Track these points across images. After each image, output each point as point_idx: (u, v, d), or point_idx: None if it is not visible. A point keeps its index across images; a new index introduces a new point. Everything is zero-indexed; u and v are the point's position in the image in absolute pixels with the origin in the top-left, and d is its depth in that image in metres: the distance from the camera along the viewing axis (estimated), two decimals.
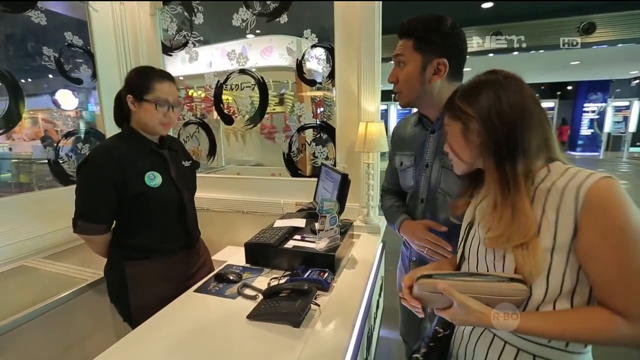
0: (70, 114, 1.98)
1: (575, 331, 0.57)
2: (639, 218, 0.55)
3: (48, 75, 1.85)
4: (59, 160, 1.83)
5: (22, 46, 1.73)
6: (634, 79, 11.87)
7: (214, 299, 1.08)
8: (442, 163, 0.99)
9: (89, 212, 1.12)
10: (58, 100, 1.94)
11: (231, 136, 4.48)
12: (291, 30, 1.92)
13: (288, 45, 1.91)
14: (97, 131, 2.03)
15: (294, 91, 4.11)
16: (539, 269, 0.58)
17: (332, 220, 1.23)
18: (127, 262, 1.18)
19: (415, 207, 1.08)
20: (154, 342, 0.86)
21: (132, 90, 1.13)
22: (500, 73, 0.68)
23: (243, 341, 0.86)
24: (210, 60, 4.01)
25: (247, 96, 2.06)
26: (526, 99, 0.64)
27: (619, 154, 12.63)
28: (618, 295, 0.56)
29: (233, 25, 1.89)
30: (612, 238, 0.54)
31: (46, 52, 1.75)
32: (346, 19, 1.65)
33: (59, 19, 1.87)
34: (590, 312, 0.58)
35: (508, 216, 0.61)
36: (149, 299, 1.11)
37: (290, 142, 1.95)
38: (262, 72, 3.96)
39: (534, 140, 0.63)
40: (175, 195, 1.21)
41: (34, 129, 2.08)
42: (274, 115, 4.10)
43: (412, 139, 1.08)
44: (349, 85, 1.70)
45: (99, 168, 1.09)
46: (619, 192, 0.55)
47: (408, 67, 0.96)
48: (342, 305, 1.01)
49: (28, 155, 3.88)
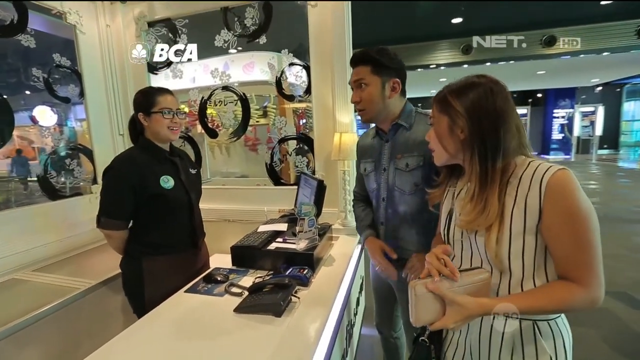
0: (49, 130, 2.00)
1: (545, 305, 0.68)
2: (587, 201, 0.66)
3: (25, 91, 1.90)
4: (47, 176, 1.89)
5: (12, 67, 1.80)
6: (596, 86, 12.68)
7: (203, 297, 1.18)
8: (395, 166, 1.16)
9: (111, 210, 1.28)
10: (35, 116, 1.98)
11: (216, 149, 4.56)
12: (271, 49, 2.07)
13: (269, 61, 2.04)
14: (85, 147, 2.10)
15: (276, 104, 4.27)
16: (496, 250, 0.70)
17: (310, 223, 1.36)
18: (145, 258, 1.32)
19: (379, 205, 1.24)
20: (152, 334, 0.95)
21: (141, 108, 1.32)
22: (489, 78, 0.75)
23: (231, 331, 0.96)
24: (193, 76, 4.12)
25: (230, 111, 2.18)
26: (509, 105, 0.72)
27: (589, 156, 13.36)
28: (572, 265, 0.67)
29: (215, 46, 2.02)
30: (567, 217, 0.65)
31: (35, 73, 1.83)
32: (320, 40, 1.81)
33: (48, 40, 1.95)
34: (552, 285, 0.69)
35: (480, 207, 0.71)
36: (161, 292, 1.23)
37: (272, 153, 2.07)
38: (245, 87, 4.10)
39: (512, 142, 0.71)
40: (185, 196, 1.37)
41: (8, 146, 2.09)
42: (258, 128, 4.22)
43: (371, 148, 1.25)
44: (324, 100, 1.85)
45: (121, 173, 1.26)
46: (572, 181, 0.66)
47: (370, 88, 1.11)
48: (319, 297, 1.13)
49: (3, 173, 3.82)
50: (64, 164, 1.99)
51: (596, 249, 0.66)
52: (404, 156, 1.14)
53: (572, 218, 0.65)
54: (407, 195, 1.15)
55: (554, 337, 0.73)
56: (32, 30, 1.75)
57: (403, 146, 1.15)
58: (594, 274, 0.67)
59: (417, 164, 1.11)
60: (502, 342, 0.75)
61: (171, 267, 1.34)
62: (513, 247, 0.70)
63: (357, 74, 1.12)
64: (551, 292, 0.69)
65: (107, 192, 1.28)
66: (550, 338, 0.73)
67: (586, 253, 0.66)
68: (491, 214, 0.70)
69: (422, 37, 6.97)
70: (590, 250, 0.66)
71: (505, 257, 0.71)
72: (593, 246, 0.66)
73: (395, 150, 1.16)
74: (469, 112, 0.72)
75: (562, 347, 0.74)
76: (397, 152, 1.15)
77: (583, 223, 0.65)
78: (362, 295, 2.00)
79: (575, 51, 6.78)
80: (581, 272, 0.67)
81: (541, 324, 0.73)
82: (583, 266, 0.67)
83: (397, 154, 1.15)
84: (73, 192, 2.01)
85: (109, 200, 1.28)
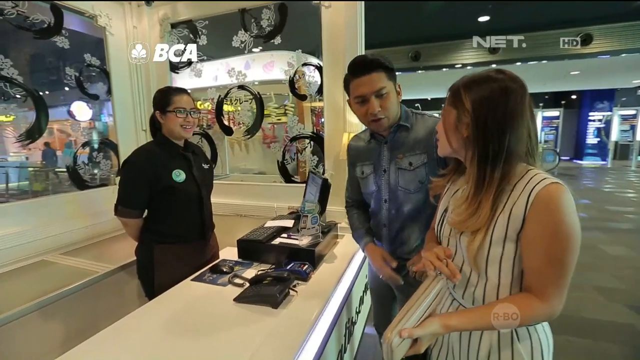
0: (84, 125, 2.18)
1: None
2: (572, 221, 0.63)
3: (63, 88, 2.05)
4: (76, 168, 2.04)
5: (49, 66, 1.96)
6: (639, 87, 11.82)
7: (208, 286, 1.24)
8: (397, 166, 1.16)
9: (127, 200, 1.38)
10: (73, 111, 2.15)
11: (235, 146, 4.68)
12: (285, 49, 2.12)
13: (289, 60, 2.08)
14: (110, 141, 2.25)
15: (294, 103, 4.32)
16: (475, 253, 0.70)
17: (313, 220, 1.40)
18: (157, 246, 1.41)
19: (380, 208, 1.22)
20: (158, 316, 1.03)
21: (158, 107, 1.41)
22: (508, 74, 0.69)
23: (228, 318, 1.01)
24: (216, 75, 4.25)
25: (245, 109, 2.25)
26: (523, 107, 0.67)
27: (627, 162, 12.49)
28: (538, 279, 0.66)
29: (233, 46, 2.09)
30: (546, 231, 0.64)
31: (68, 72, 1.98)
32: (333, 41, 1.83)
33: (80, 40, 2.10)
34: (514, 298, 0.68)
35: (472, 210, 0.70)
36: (170, 279, 1.30)
37: (284, 151, 2.12)
38: (265, 86, 4.18)
39: (519, 148, 0.67)
40: (195, 190, 1.45)
41: (50, 139, 2.27)
42: (276, 126, 4.29)
43: (368, 151, 1.24)
44: (335, 100, 1.87)
45: (137, 165, 1.36)
46: (562, 196, 0.63)
47: (390, 95, 1.08)
48: (317, 292, 1.17)
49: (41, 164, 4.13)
50: (92, 157, 2.14)
51: (566, 268, 0.65)
52: (405, 155, 1.14)
53: (551, 234, 0.64)
54: (412, 194, 1.15)
55: (531, 342, 0.73)
56: (67, 32, 1.89)
57: (404, 146, 1.15)
58: (557, 291, 0.66)
59: (421, 162, 1.11)
60: (481, 343, 0.76)
61: (180, 256, 1.42)
62: (491, 253, 0.70)
63: (376, 82, 1.06)
64: (513, 303, 0.68)
65: (124, 183, 1.39)
66: (527, 343, 0.73)
67: (555, 270, 0.65)
68: (481, 219, 0.69)
69: (446, 36, 6.81)
70: (560, 268, 0.65)
71: (483, 261, 0.71)
72: (564, 265, 0.65)
73: (396, 150, 1.16)
74: (476, 111, 0.68)
75: (540, 353, 0.73)
76: (398, 153, 1.16)
77: (561, 242, 0.64)
78: (367, 295, 2.01)
79: (616, 50, 6.38)
80: (545, 286, 0.66)
81: (520, 328, 0.72)
82: (548, 281, 0.66)
83: (398, 154, 1.15)
84: (99, 182, 2.16)
85: (125, 190, 1.38)
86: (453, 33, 6.56)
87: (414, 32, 6.64)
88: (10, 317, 1.23)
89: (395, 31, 6.49)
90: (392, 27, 6.23)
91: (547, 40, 6.34)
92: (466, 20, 6.00)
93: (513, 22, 6.07)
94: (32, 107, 1.78)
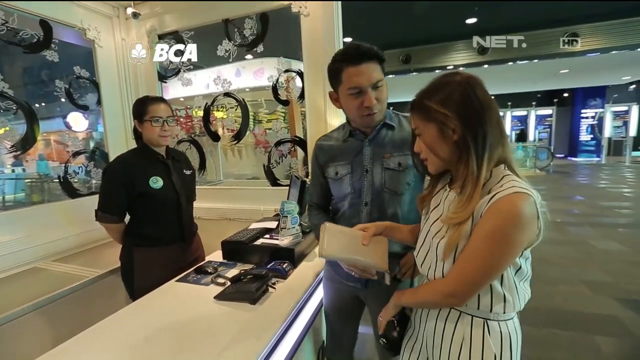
0: (81, 135, 2.24)
1: (424, 297, 0.83)
2: (513, 232, 0.66)
3: (53, 101, 2.12)
4: (67, 177, 2.10)
5: (39, 79, 2.03)
6: (629, 84, 11.98)
7: (192, 286, 1.29)
8: (385, 166, 1.09)
9: (105, 205, 1.45)
10: (69, 122, 2.21)
11: (228, 152, 4.76)
12: (270, 55, 2.19)
13: (277, 66, 2.13)
14: (102, 151, 2.30)
15: (284, 109, 4.39)
16: (448, 242, 0.74)
17: (293, 220, 1.45)
18: (136, 249, 1.47)
19: (359, 211, 1.13)
20: (144, 315, 1.08)
21: (136, 116, 1.48)
22: (463, 74, 0.73)
23: (208, 314, 1.06)
24: (207, 83, 4.33)
25: (231, 116, 2.32)
26: (489, 97, 0.71)
27: (621, 158, 12.60)
28: (454, 266, 0.74)
29: (218, 55, 2.16)
30: (484, 231, 0.69)
31: (58, 84, 2.05)
32: (312, 48, 1.91)
33: (69, 53, 2.17)
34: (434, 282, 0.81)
35: (464, 203, 0.72)
36: (149, 281, 1.33)
37: (269, 155, 2.19)
38: (256, 92, 4.24)
39: (496, 133, 0.71)
40: (174, 196, 1.51)
41: (46, 150, 2.31)
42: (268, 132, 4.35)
43: (345, 150, 1.15)
44: (316, 104, 1.94)
45: (114, 173, 1.44)
46: (517, 206, 0.65)
47: (384, 90, 1.03)
48: (294, 288, 1.22)
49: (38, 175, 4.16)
50: (84, 165, 2.19)
51: (482, 268, 0.70)
52: (394, 155, 1.08)
53: (487, 234, 0.68)
54: (397, 196, 1.09)
55: (501, 336, 0.77)
56: (56, 46, 1.96)
57: (390, 145, 1.09)
58: (462, 279, 0.73)
59: (411, 163, 1.05)
60: (454, 336, 0.80)
61: (159, 258, 1.48)
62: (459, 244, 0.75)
63: (374, 73, 0.98)
64: (427, 286, 0.83)
65: (102, 189, 1.46)
66: (497, 337, 0.77)
67: (471, 265, 0.71)
68: (468, 210, 0.71)
69: (436, 39, 6.93)
70: (476, 266, 0.70)
71: (451, 250, 0.75)
72: (481, 266, 0.70)
73: (381, 149, 1.10)
74: (458, 111, 0.70)
75: (508, 348, 0.77)
76: (385, 152, 1.09)
77: (491, 244, 0.68)
78: None
79: (604, 48, 6.49)
80: (455, 273, 0.74)
81: (491, 323, 0.77)
82: (460, 270, 0.73)
83: (384, 153, 1.09)
84: (90, 191, 2.21)
85: (103, 197, 1.45)
86: (442, 35, 6.69)
87: (403, 35, 6.76)
88: (1, 320, 1.28)
89: (384, 34, 6.60)
90: (382, 31, 6.34)
91: (538, 39, 6.44)
92: (455, 22, 6.12)
93: (501, 23, 6.18)
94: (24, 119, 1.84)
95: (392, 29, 6.28)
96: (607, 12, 6.00)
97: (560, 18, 6.14)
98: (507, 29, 6.25)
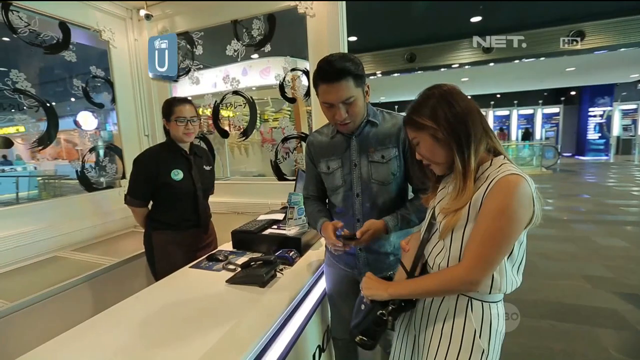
0: (90, 133, 2.33)
1: (429, 286, 0.83)
2: (518, 208, 0.71)
3: (71, 99, 2.22)
4: (84, 172, 2.20)
5: (58, 78, 2.13)
6: (638, 81, 11.82)
7: (204, 272, 1.38)
8: (369, 159, 1.17)
9: (133, 191, 1.64)
10: (79, 121, 2.30)
11: (235, 149, 4.85)
12: (277, 54, 2.27)
13: (284, 65, 2.21)
14: (116, 147, 2.41)
15: (290, 107, 4.47)
16: (446, 224, 0.81)
17: (299, 211, 1.53)
18: (154, 232, 1.65)
19: (352, 202, 1.21)
20: (160, 296, 1.17)
21: (164, 115, 1.65)
22: (443, 86, 0.82)
23: (221, 296, 1.15)
24: (215, 82, 4.43)
25: (239, 114, 2.40)
26: (469, 102, 0.80)
27: (630, 157, 12.47)
28: (468, 250, 0.76)
29: (227, 55, 2.25)
30: (491, 211, 0.73)
31: (75, 83, 2.15)
32: (317, 47, 1.97)
33: (86, 53, 2.27)
34: (443, 270, 0.82)
35: (459, 191, 0.78)
36: (168, 261, 1.54)
37: (276, 151, 2.27)
38: (262, 91, 4.34)
39: (479, 130, 0.79)
40: (191, 188, 1.66)
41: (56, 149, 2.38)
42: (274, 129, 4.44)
43: (334, 146, 1.23)
44: None
45: (143, 163, 1.61)
46: (517, 185, 0.71)
47: (358, 102, 1.07)
48: (300, 274, 1.30)
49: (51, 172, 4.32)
50: (98, 161, 2.30)
51: (495, 247, 0.74)
52: (377, 149, 1.16)
53: (494, 214, 0.73)
54: (385, 186, 1.17)
55: (482, 316, 0.82)
56: (74, 47, 2.06)
57: (374, 140, 1.17)
58: (479, 264, 0.75)
59: (393, 155, 1.15)
60: (439, 311, 0.87)
61: (175, 241, 1.64)
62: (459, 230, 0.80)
63: (344, 91, 1.04)
64: (437, 275, 0.82)
65: (131, 176, 1.64)
66: (479, 316, 0.82)
67: (483, 246, 0.74)
68: (465, 198, 0.77)
69: (440, 37, 6.94)
70: (489, 245, 0.74)
71: (449, 236, 0.82)
72: (494, 243, 0.74)
73: (366, 144, 1.18)
74: (441, 122, 0.78)
75: (488, 328, 0.82)
76: (369, 146, 1.17)
77: (500, 221, 0.72)
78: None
79: (610, 45, 6.44)
80: (470, 257, 0.76)
81: (475, 302, 0.82)
82: (474, 253, 0.75)
83: (369, 147, 1.17)
84: (106, 185, 2.32)
85: (132, 184, 1.64)
86: (447, 34, 6.70)
87: (408, 34, 6.78)
88: (24, 303, 1.38)
89: (389, 34, 6.64)
90: (386, 30, 6.38)
91: (542, 37, 6.43)
92: (460, 20, 6.14)
93: (505, 21, 6.18)
94: (42, 118, 1.94)
95: (396, 28, 6.32)
96: (615, 9, 5.97)
97: (566, 16, 6.12)
98: (513, 27, 6.24)
